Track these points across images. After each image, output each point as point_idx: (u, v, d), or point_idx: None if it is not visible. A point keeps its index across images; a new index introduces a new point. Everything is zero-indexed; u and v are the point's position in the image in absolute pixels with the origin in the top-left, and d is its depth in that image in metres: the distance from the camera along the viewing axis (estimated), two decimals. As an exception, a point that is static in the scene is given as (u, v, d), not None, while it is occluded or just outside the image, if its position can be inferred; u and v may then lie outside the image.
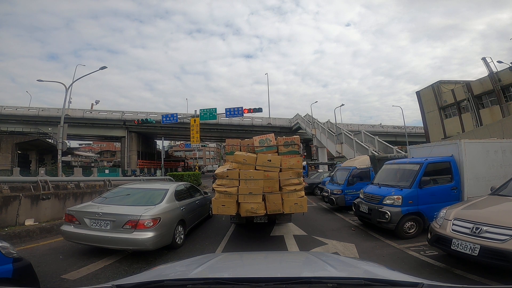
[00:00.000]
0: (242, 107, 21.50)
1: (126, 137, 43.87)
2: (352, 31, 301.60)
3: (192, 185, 7.69)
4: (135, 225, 4.44)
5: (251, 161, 5.65)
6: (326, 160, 30.18)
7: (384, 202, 5.60)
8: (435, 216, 5.44)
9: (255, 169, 5.60)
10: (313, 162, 27.03)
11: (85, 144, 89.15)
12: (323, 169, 28.67)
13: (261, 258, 2.34)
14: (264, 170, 5.57)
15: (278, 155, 6.15)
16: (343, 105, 26.22)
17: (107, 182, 8.58)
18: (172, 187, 5.93)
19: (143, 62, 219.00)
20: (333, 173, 12.27)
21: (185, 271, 1.65)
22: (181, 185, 6.62)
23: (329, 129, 25.31)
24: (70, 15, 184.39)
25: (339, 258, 2.39)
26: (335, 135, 22.30)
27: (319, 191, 12.42)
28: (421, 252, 4.70)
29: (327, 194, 9.12)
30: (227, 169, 5.68)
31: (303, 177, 9.92)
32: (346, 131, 21.17)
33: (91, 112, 43.79)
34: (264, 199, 5.43)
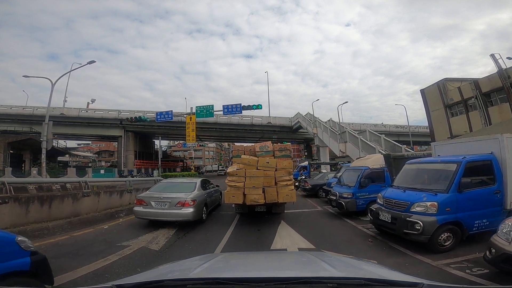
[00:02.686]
0: (240, 104, 20.38)
1: (122, 136, 42.81)
2: (352, 31, 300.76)
3: (208, 179, 9.77)
4: (183, 204, 6.74)
5: (254, 163, 7.20)
6: (328, 160, 29.15)
7: (413, 210, 4.57)
8: (475, 225, 4.47)
9: (257, 168, 7.11)
10: (315, 162, 25.92)
11: (83, 144, 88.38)
12: (325, 169, 27.64)
13: (261, 258, 2.36)
14: (264, 170, 7.10)
15: (274, 158, 7.72)
16: (346, 102, 25.27)
17: (83, 184, 7.54)
18: (198, 180, 8.24)
19: (143, 62, 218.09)
20: (339, 173, 11.22)
21: (185, 271, 1.66)
22: (203, 179, 8.98)
23: (331, 128, 24.28)
24: (70, 15, 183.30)
25: (339, 258, 2.33)
26: (338, 134, 21.26)
27: (324, 194, 11.35)
28: (467, 271, 3.72)
29: (335, 198, 8.01)
30: (236, 169, 7.17)
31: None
32: (350, 130, 20.07)
33: (86, 111, 42.78)
34: (263, 191, 6.90)
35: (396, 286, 1.26)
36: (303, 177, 16.70)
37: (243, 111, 20.15)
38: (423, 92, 32.39)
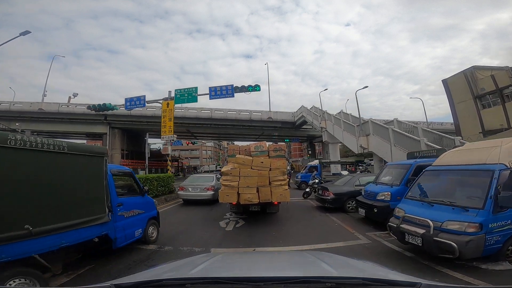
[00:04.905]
0: (232, 85, 16.14)
1: (108, 134, 38.81)
2: (352, 31, 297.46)
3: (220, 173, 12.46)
4: (208, 189, 11.13)
5: (248, 163, 7.37)
6: (338, 158, 25.17)
7: None
8: None
9: (251, 168, 7.29)
10: (328, 161, 21.57)
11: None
12: (336, 169, 23.62)
13: (260, 257, 2.42)
14: (258, 169, 7.28)
15: (269, 158, 7.96)
16: (366, 87, 20.97)
17: None
18: (214, 175, 13.44)
19: (143, 62, 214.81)
20: (386, 177, 7.11)
21: (183, 270, 1.65)
22: (217, 174, 14.12)
23: (345, 120, 20.20)
24: (70, 15, 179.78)
25: (338, 258, 2.19)
26: (357, 126, 17.18)
27: (363, 208, 7.24)
28: None
29: (423, 232, 3.77)
30: (231, 168, 7.38)
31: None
32: (374, 120, 15.80)
33: (67, 106, 38.68)
34: (257, 191, 7.10)
35: (394, 286, 1.25)
36: (316, 180, 12.53)
37: (235, 95, 15.94)
38: (445, 82, 28.72)
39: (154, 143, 57.78)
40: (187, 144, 69.77)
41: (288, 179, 9.12)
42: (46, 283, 3.23)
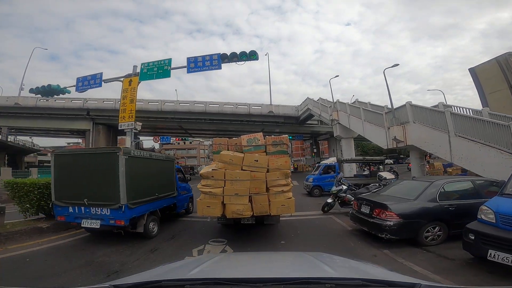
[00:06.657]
0: (219, 54, 11.93)
1: (91, 130, 35.05)
2: (352, 30, 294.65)
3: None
4: None
5: (238, 161, 5.64)
6: (353, 156, 21.44)
7: None
8: None
9: (242, 169, 5.58)
10: (350, 159, 17.46)
11: (73, 143, 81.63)
12: (349, 169, 19.85)
13: (260, 258, 2.39)
14: (251, 171, 5.55)
15: (266, 154, 6.06)
16: (397, 64, 17.19)
17: None
18: None
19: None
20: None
21: (183, 271, 1.65)
22: None
23: (366, 109, 16.43)
24: (70, 16, 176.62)
25: (337, 258, 2.19)
26: (386, 113, 13.38)
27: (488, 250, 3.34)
28: None
29: None
30: (212, 169, 5.71)
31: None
32: (414, 103, 11.72)
33: (46, 100, 34.75)
34: (250, 200, 5.47)
35: (393, 286, 1.24)
36: (343, 186, 8.64)
37: (223, 65, 11.66)
38: (473, 71, 25.16)
39: (148, 139, 54.10)
40: (183, 143, 65.91)
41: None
42: (159, 225, 6.63)
